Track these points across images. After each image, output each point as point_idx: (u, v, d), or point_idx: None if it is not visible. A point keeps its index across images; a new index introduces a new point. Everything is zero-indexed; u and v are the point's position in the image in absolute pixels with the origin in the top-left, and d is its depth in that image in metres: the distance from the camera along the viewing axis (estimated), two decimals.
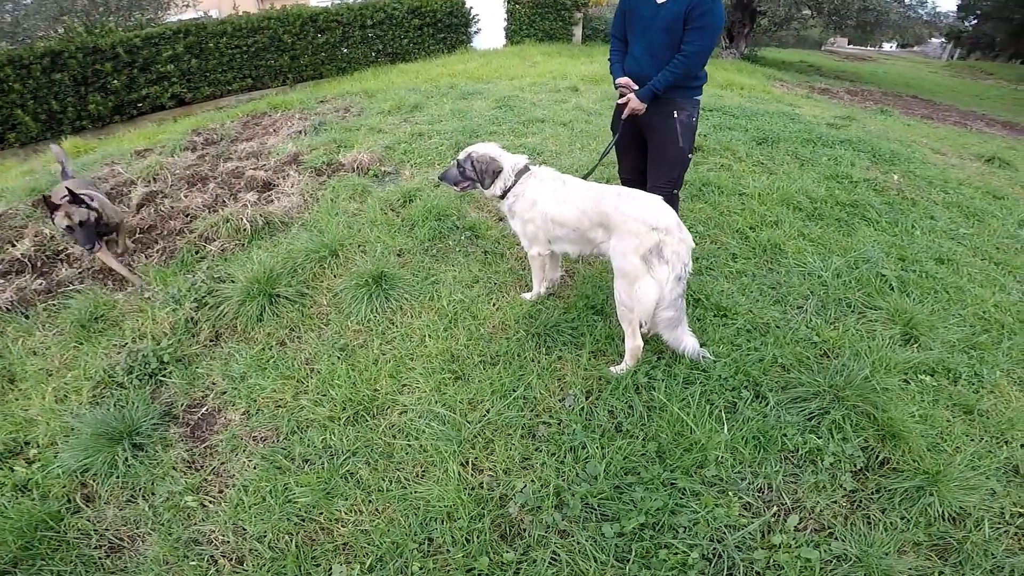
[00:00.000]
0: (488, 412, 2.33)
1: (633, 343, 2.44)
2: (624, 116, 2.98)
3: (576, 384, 2.47)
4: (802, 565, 1.81)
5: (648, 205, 2.38)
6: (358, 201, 4.10)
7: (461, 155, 2.79)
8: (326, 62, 11.99)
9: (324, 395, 2.49)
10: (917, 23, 15.28)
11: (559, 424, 2.29)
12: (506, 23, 13.65)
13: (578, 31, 14.21)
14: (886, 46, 37.54)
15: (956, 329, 3.09)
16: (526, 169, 2.74)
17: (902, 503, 2.04)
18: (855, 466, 2.16)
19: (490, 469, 2.14)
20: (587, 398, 2.42)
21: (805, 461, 2.16)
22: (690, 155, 3.08)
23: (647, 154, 3.16)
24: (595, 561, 1.82)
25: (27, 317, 3.19)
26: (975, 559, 1.89)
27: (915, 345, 2.91)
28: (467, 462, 2.16)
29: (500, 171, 2.72)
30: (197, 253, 3.62)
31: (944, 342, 2.97)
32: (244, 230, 3.70)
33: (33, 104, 9.56)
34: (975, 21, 16.85)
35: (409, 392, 2.50)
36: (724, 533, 1.90)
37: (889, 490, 2.08)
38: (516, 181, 2.72)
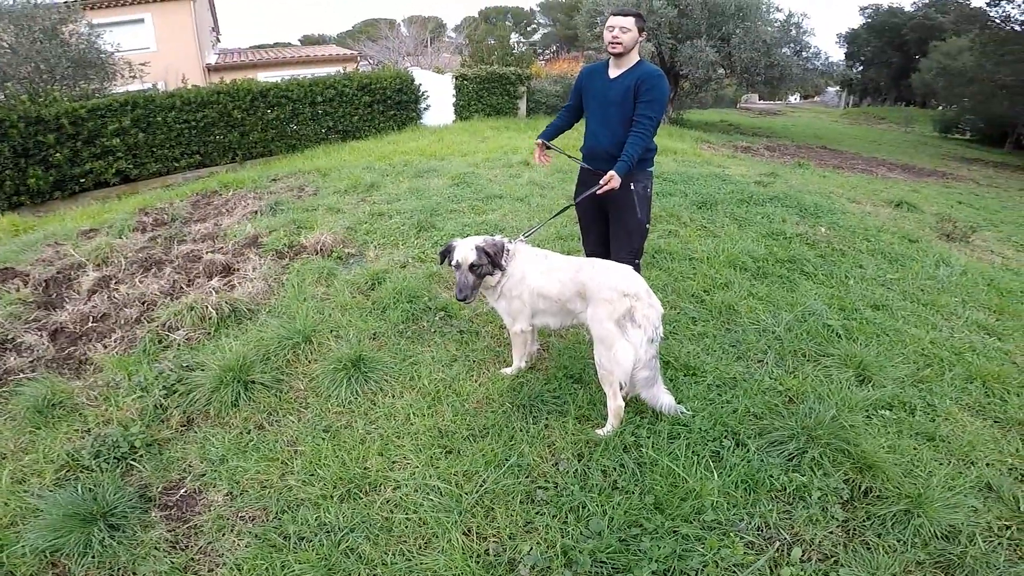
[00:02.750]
0: (484, 482, 2.37)
1: (615, 404, 2.56)
2: (600, 193, 3.05)
3: (567, 449, 2.56)
4: None
5: (619, 273, 2.60)
6: (324, 285, 4.12)
7: (472, 258, 2.71)
8: (276, 139, 12.05)
9: (312, 474, 2.47)
10: (815, 74, 17.15)
11: (556, 487, 2.36)
12: (455, 99, 14.29)
13: (523, 104, 15.08)
14: (791, 99, 41.70)
15: (902, 367, 3.40)
16: (504, 249, 2.85)
17: (894, 526, 2.21)
18: (841, 497, 2.35)
19: (494, 536, 2.16)
20: (579, 460, 2.50)
21: (794, 498, 2.33)
22: (648, 225, 3.30)
23: (607, 229, 3.38)
24: None
25: None
26: (980, 572, 2.05)
27: (869, 384, 3.17)
28: (470, 531, 2.18)
29: (504, 250, 2.79)
30: (160, 342, 3.54)
31: (894, 379, 3.25)
32: (210, 318, 3.64)
33: None
34: (860, 68, 19.39)
35: (401, 468, 2.50)
36: (735, 571, 2.00)
37: (879, 516, 2.26)
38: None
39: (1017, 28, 17.12)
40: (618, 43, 3.01)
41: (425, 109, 13.87)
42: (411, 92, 13.48)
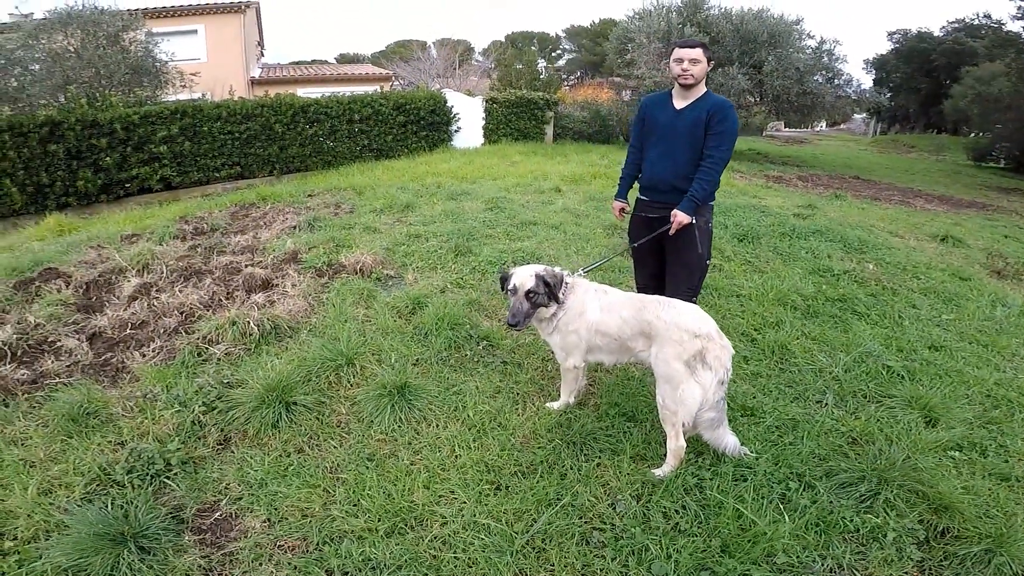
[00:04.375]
0: (536, 521, 2.28)
1: (676, 444, 2.48)
2: (672, 232, 3.04)
3: (624, 489, 2.46)
4: None
5: (689, 313, 2.52)
6: (365, 306, 4.08)
7: (529, 284, 2.64)
8: (313, 155, 12.20)
9: (356, 505, 2.38)
10: (847, 102, 16.90)
11: (614, 529, 2.26)
12: (484, 122, 14.42)
13: (549, 130, 15.13)
14: (817, 126, 41.32)
15: (969, 408, 3.27)
16: (563, 282, 2.79)
17: (974, 566, 2.15)
18: (917, 538, 2.28)
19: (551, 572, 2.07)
20: (638, 502, 2.39)
21: (868, 540, 2.26)
22: (708, 261, 3.20)
23: (664, 261, 3.29)
24: None
25: (7, 406, 3.02)
26: None
27: (937, 426, 3.05)
28: (522, 573, 2.09)
29: (563, 281, 2.73)
30: (200, 355, 3.51)
31: (962, 421, 3.13)
32: (251, 334, 3.61)
33: (23, 174, 9.29)
34: (889, 94, 19.05)
35: (448, 503, 2.40)
36: None
37: (957, 556, 2.19)
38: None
39: None
40: (689, 75, 2.97)
41: (456, 131, 14.01)
42: (444, 113, 13.64)
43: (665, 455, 2.56)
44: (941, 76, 30.01)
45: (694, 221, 3.05)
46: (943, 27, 31.69)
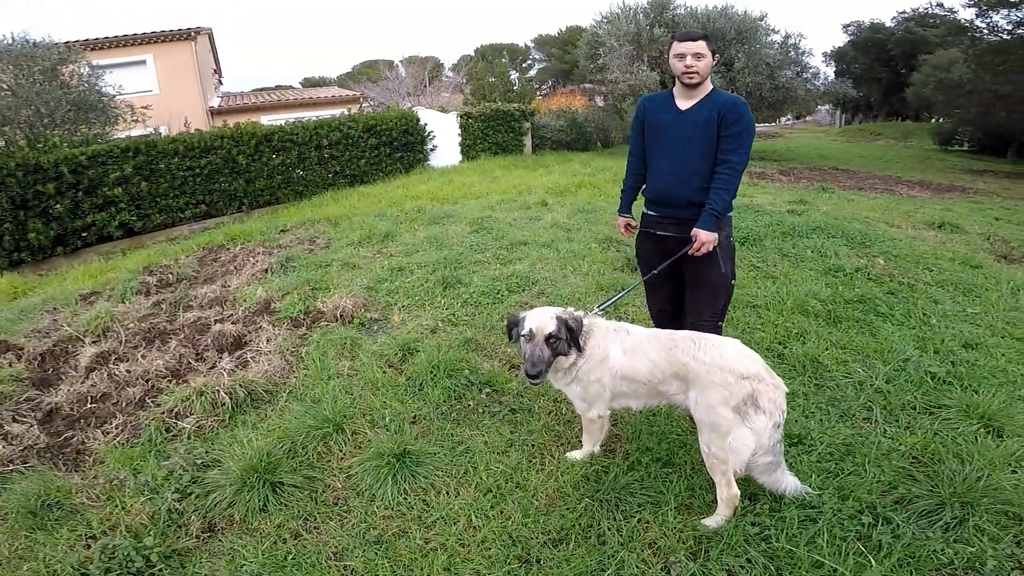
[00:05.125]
0: None
1: (729, 493, 2.19)
2: (701, 253, 2.65)
3: (675, 549, 2.14)
4: None
5: (732, 352, 2.18)
6: (349, 358, 3.65)
7: (550, 327, 2.28)
8: (282, 186, 11.67)
9: None
10: (817, 95, 16.99)
11: None
12: (460, 138, 14.09)
13: (528, 141, 14.87)
14: (783, 120, 41.95)
15: None
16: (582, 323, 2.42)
17: None
18: (1020, 563, 2.06)
19: None
20: (695, 561, 2.09)
21: (966, 570, 2.05)
22: (733, 280, 2.83)
23: (681, 283, 2.92)
24: None
25: None
26: None
27: (1003, 437, 2.75)
28: None
29: (583, 326, 2.37)
30: (167, 431, 3.10)
31: (1020, 426, 2.82)
32: (223, 404, 3.17)
33: None
34: (852, 85, 19.29)
35: None
36: None
37: None
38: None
39: (1006, 37, 16.96)
40: (694, 71, 2.60)
41: (432, 150, 13.65)
42: (417, 133, 13.25)
43: (714, 501, 2.27)
44: (898, 65, 30.73)
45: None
46: (894, 17, 32.60)
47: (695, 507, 2.35)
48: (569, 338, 2.28)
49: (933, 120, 29.27)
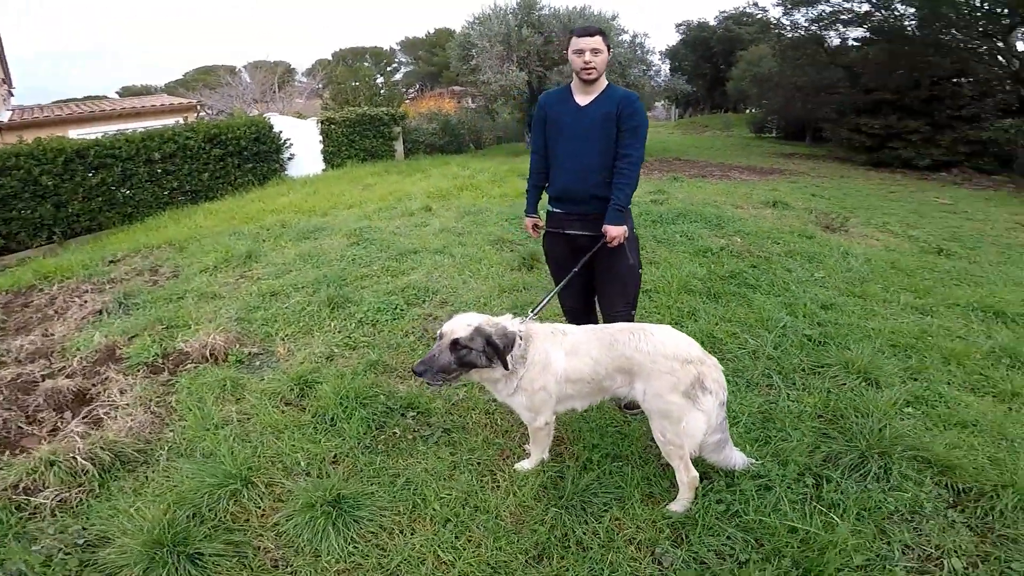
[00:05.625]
0: None
1: (688, 476, 2.23)
2: (612, 246, 2.69)
3: (656, 540, 2.14)
4: None
5: (671, 339, 2.20)
6: (234, 401, 3.11)
7: (461, 333, 2.15)
8: (105, 208, 9.92)
9: None
10: (658, 91, 18.60)
11: None
12: (323, 146, 13.18)
13: (399, 146, 14.36)
14: None
15: (894, 362, 3.43)
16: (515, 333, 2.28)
17: (1014, 512, 2.19)
18: (948, 502, 2.30)
19: None
20: (680, 547, 2.11)
21: (912, 515, 2.25)
22: (640, 269, 2.90)
23: (589, 279, 2.92)
24: None
25: None
26: None
27: (880, 387, 3.11)
28: None
29: (515, 341, 2.21)
30: (18, 509, 2.41)
31: (893, 376, 3.24)
32: (86, 472, 2.53)
33: None
34: (686, 81, 21.48)
35: None
36: None
37: (995, 509, 2.22)
38: (519, 348, 2.25)
39: (803, 33, 19.56)
40: (592, 67, 2.61)
41: (289, 159, 12.58)
42: (271, 141, 12.10)
43: (672, 487, 2.33)
44: (719, 61, 34.77)
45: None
46: (716, 16, 36.73)
47: (657, 495, 2.36)
48: (488, 351, 2.13)
49: (748, 111, 33.53)
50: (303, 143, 12.79)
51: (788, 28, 19.91)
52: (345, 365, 3.41)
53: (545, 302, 2.72)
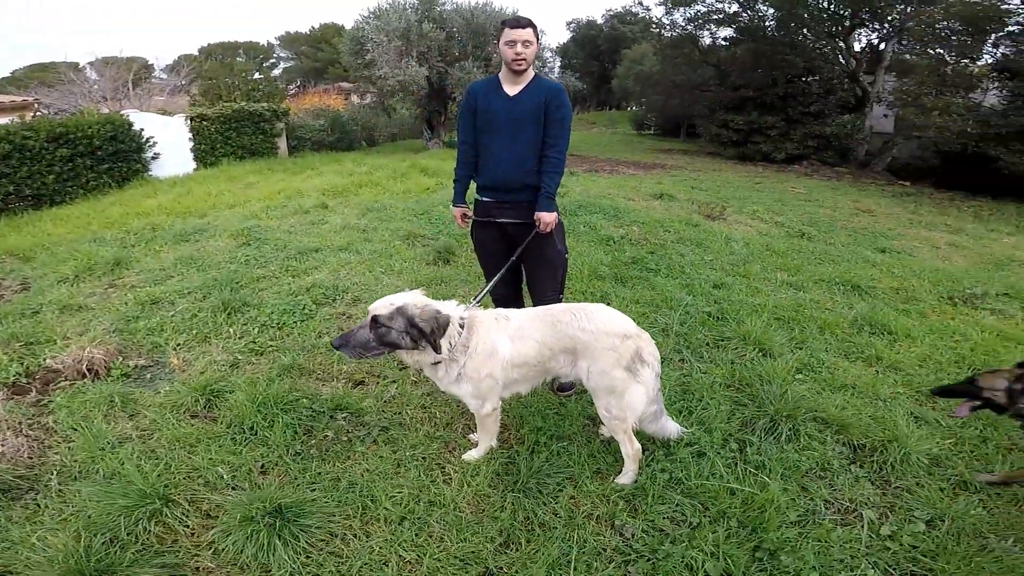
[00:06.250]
0: None
1: (632, 448, 2.32)
2: (546, 231, 2.76)
3: (614, 513, 2.22)
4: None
5: (609, 316, 2.28)
6: (127, 419, 2.73)
7: (381, 311, 2.12)
8: None
9: None
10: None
11: (646, 558, 2.04)
12: (193, 144, 11.95)
13: (283, 143, 13.42)
14: None
15: (781, 333, 3.80)
16: (461, 318, 2.24)
17: (902, 466, 2.49)
18: (851, 459, 2.57)
19: None
20: (635, 518, 2.20)
21: (824, 472, 2.47)
22: (567, 255, 2.98)
23: (517, 267, 2.97)
24: None
25: None
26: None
27: (774, 357, 3.43)
28: None
29: (447, 325, 2.15)
30: None
31: (783, 346, 3.60)
32: None
33: None
34: (576, 78, 22.15)
35: None
36: (854, 547, 2.10)
37: (887, 463, 2.50)
38: (458, 336, 2.20)
39: (681, 33, 20.61)
40: (523, 58, 2.65)
41: (153, 158, 11.26)
42: (130, 139, 10.73)
43: (616, 461, 2.44)
44: (605, 59, 36.39)
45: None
46: (603, 15, 38.34)
47: (604, 471, 2.44)
48: (413, 333, 2.09)
49: (630, 108, 35.36)
50: (169, 141, 11.54)
51: (668, 27, 20.98)
52: (255, 372, 3.13)
53: (487, 289, 2.73)
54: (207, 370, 3.16)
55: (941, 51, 14.28)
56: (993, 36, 13.71)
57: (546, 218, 2.71)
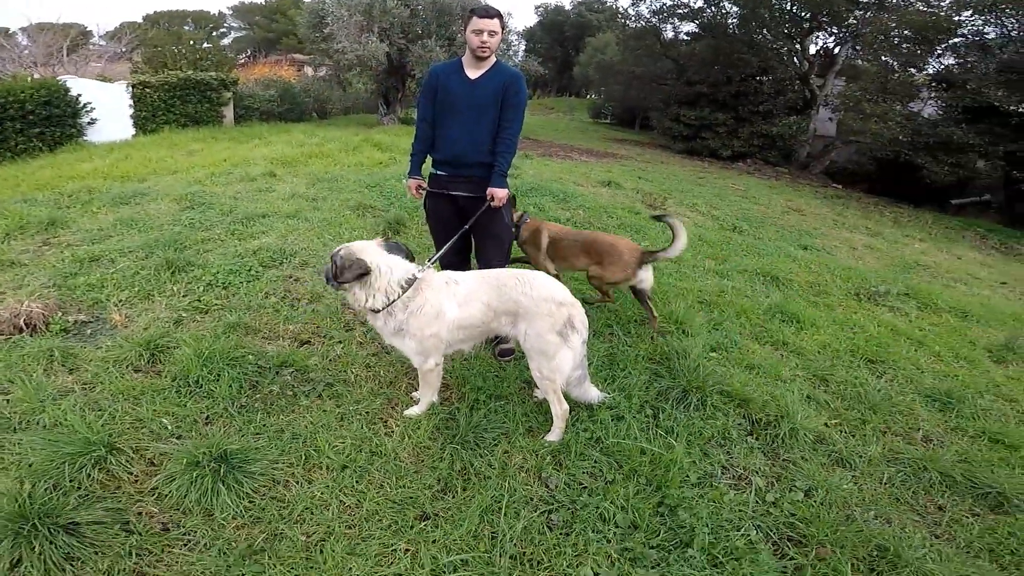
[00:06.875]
0: (496, 535, 2.07)
1: (561, 408, 2.53)
2: (498, 206, 2.96)
3: (541, 466, 2.41)
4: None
5: (549, 284, 2.50)
6: (68, 373, 2.76)
7: (334, 251, 2.42)
8: None
9: None
10: (516, 70, 18.96)
11: (565, 506, 2.23)
12: (133, 111, 11.48)
13: (229, 112, 13.02)
14: None
15: (702, 315, 4.12)
16: (413, 279, 2.42)
17: (789, 439, 2.75)
18: (748, 430, 2.81)
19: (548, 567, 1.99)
20: (559, 471, 2.40)
21: (723, 440, 2.72)
22: (514, 229, 3.21)
23: (468, 237, 3.17)
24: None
25: None
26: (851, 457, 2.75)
27: (692, 336, 3.72)
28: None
29: (365, 273, 2.33)
30: None
31: (701, 325, 3.91)
32: None
33: None
34: (539, 62, 22.03)
35: (393, 560, 1.95)
36: (742, 510, 2.30)
37: (778, 436, 2.76)
38: (402, 292, 2.38)
39: (645, 24, 20.82)
40: (487, 47, 2.84)
41: (89, 123, 10.83)
42: (65, 104, 10.40)
43: (546, 421, 2.63)
44: (570, 46, 36.43)
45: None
46: (571, 1, 38.20)
47: (535, 428, 2.65)
48: (334, 270, 2.34)
49: (589, 96, 35.57)
50: (108, 107, 11.19)
51: (633, 18, 21.22)
52: (200, 329, 3.20)
53: (439, 254, 2.93)
54: (150, 326, 3.21)
55: (889, 59, 15.03)
56: (941, 47, 14.55)
57: (499, 194, 2.91)
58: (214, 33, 46.34)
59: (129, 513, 2.04)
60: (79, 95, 10.75)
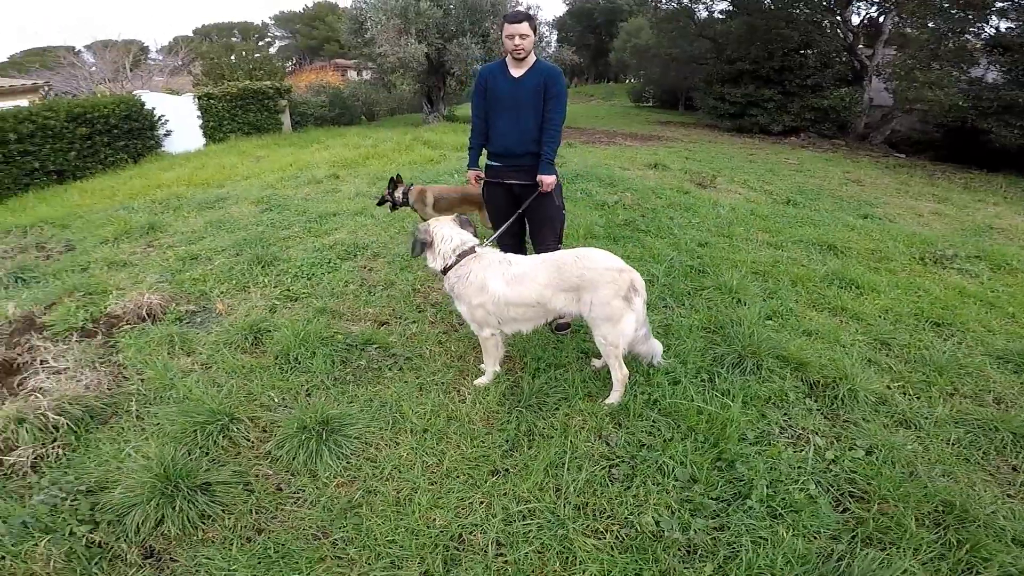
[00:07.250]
0: (563, 487, 2.26)
1: (621, 373, 2.70)
2: (547, 191, 3.21)
3: (602, 427, 2.58)
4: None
5: (607, 256, 2.69)
6: (186, 355, 3.22)
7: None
8: None
9: (386, 557, 1.99)
10: (552, 61, 19.14)
11: (625, 461, 2.39)
12: (202, 121, 12.36)
13: (286, 119, 13.82)
14: None
15: (756, 285, 4.20)
16: (471, 251, 2.73)
17: (849, 401, 2.80)
18: (806, 392, 2.90)
19: (636, 523, 2.11)
20: (620, 430, 2.55)
21: (781, 401, 2.80)
22: (564, 211, 3.43)
23: (519, 222, 3.41)
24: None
25: None
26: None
27: (746, 305, 3.81)
28: (587, 533, 2.08)
29: (429, 243, 2.77)
30: None
31: (756, 295, 4.00)
32: (59, 427, 2.57)
33: None
34: (573, 52, 21.86)
35: (469, 511, 2.18)
36: (801, 467, 2.37)
37: (837, 397, 2.82)
38: (458, 261, 2.71)
39: (677, 6, 20.75)
40: (521, 49, 3.07)
41: (165, 135, 11.73)
42: (144, 118, 11.27)
43: (604, 386, 2.80)
44: (602, 32, 36.05)
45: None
46: None
47: (594, 393, 2.84)
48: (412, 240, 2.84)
49: (628, 81, 35.03)
50: (179, 119, 12.09)
51: (663, 1, 20.99)
52: (292, 314, 3.61)
53: (497, 235, 3.22)
54: (250, 313, 3.65)
55: (939, 25, 14.24)
56: (996, 6, 13.64)
57: (547, 180, 3.16)
58: (260, 43, 48.51)
59: (249, 475, 2.36)
60: (153, 108, 11.62)
